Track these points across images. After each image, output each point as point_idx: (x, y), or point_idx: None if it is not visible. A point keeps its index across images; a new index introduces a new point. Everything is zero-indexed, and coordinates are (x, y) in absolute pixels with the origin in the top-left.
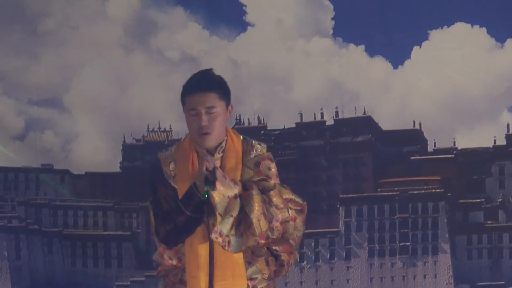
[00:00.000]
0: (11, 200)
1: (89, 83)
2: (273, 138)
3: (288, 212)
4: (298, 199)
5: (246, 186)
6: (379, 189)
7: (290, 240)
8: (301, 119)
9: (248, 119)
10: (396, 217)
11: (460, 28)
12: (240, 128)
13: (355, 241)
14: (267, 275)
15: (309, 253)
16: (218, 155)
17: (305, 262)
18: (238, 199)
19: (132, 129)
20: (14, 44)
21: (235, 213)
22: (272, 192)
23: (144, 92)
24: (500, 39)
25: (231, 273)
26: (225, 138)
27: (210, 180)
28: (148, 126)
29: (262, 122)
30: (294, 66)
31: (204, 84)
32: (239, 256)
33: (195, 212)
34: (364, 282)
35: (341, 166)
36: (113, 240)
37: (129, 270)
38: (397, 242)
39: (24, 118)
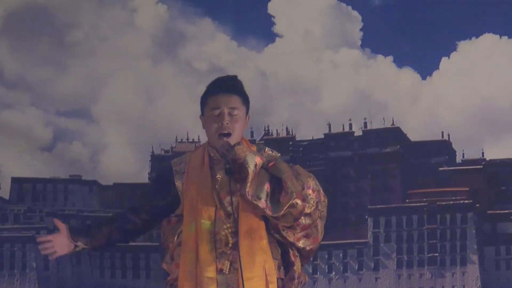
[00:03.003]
0: (40, 211)
1: (117, 94)
2: (301, 149)
3: (317, 185)
4: (320, 187)
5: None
6: (407, 200)
7: (319, 225)
8: (330, 130)
9: (277, 130)
10: (424, 228)
11: (489, 39)
12: (269, 139)
13: (384, 252)
14: (275, 279)
15: (338, 264)
16: None
17: (333, 273)
18: (264, 169)
19: (160, 140)
20: (42, 55)
21: (266, 180)
22: (296, 166)
23: (172, 103)
24: None
25: (262, 260)
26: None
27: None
28: (176, 137)
29: (291, 133)
30: (322, 77)
31: (230, 86)
32: (267, 245)
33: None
34: None
35: (369, 177)
36: (141, 251)
37: (157, 281)
38: (425, 253)
39: (52, 129)
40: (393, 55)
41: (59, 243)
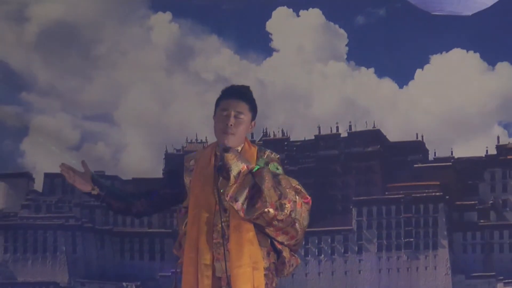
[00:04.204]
0: (68, 202)
1: (136, 101)
2: (295, 148)
3: (295, 196)
4: (305, 192)
5: (259, 167)
6: (386, 193)
7: (296, 224)
8: (319, 132)
9: (274, 132)
10: (401, 216)
11: (457, 53)
12: (266, 139)
13: (366, 237)
14: (266, 266)
15: (326, 248)
16: None
17: (322, 255)
18: (251, 175)
19: (173, 140)
20: (70, 67)
21: (248, 185)
22: (281, 176)
23: (183, 108)
24: (492, 63)
25: (248, 250)
26: (242, 145)
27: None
28: (187, 138)
29: (286, 134)
30: (313, 86)
31: (240, 93)
32: (254, 236)
33: None
34: (373, 273)
35: (353, 173)
36: (156, 236)
37: (170, 263)
38: (402, 238)
39: (79, 131)
40: (374, 67)
41: (79, 179)
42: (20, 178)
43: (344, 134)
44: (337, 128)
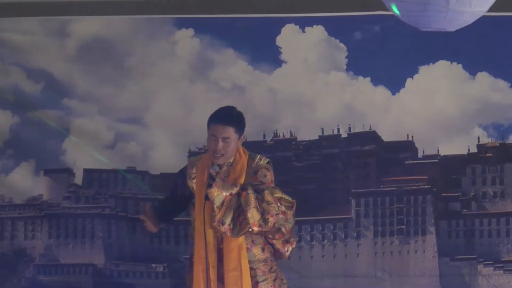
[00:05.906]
0: (104, 194)
1: (163, 106)
2: (301, 147)
3: (278, 207)
4: (288, 198)
5: (244, 187)
6: (381, 186)
7: (282, 229)
8: (323, 133)
9: (283, 133)
10: (394, 206)
11: (442, 64)
12: (276, 139)
13: (364, 224)
14: (262, 258)
15: (329, 233)
16: (225, 167)
17: (325, 240)
18: (235, 196)
19: (195, 140)
20: (106, 76)
21: (234, 207)
22: (265, 192)
23: (204, 112)
24: (472, 73)
25: (237, 256)
26: (233, 157)
27: (211, 184)
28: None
29: (293, 135)
30: (317, 93)
31: (226, 119)
32: (243, 242)
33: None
34: (370, 256)
35: (352, 169)
36: (181, 224)
37: (193, 246)
38: (395, 225)
39: (113, 132)
40: (370, 76)
41: (149, 225)
42: (62, 173)
43: (344, 135)
44: (338, 129)
